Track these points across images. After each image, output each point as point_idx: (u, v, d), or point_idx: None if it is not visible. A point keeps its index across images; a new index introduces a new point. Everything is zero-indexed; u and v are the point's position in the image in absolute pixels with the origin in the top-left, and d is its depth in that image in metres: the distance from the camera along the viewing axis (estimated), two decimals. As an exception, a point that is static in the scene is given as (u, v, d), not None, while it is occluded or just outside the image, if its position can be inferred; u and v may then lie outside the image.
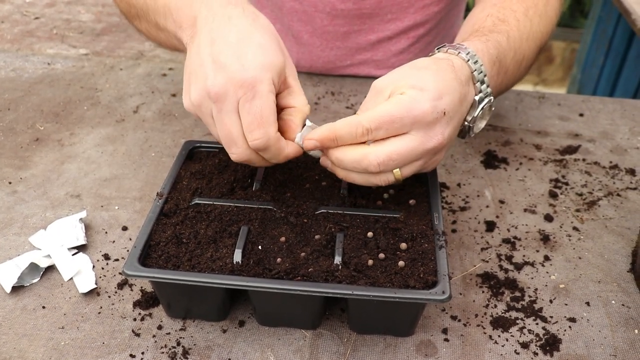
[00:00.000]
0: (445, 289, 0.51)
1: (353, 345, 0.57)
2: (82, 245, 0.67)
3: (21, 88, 0.99)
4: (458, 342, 0.57)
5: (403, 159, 0.56)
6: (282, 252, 0.56)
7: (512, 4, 0.76)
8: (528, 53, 0.76)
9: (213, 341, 0.57)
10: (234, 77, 0.54)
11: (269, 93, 0.55)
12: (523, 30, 0.74)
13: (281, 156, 0.58)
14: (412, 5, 0.95)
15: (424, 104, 0.54)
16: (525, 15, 0.75)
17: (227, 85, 0.54)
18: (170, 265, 0.55)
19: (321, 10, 0.95)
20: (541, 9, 0.78)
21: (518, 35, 0.73)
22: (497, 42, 0.68)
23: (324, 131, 0.57)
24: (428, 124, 0.55)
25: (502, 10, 0.75)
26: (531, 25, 0.75)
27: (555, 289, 0.63)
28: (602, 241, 0.69)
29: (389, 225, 0.59)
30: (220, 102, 0.55)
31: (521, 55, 0.74)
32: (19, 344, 0.56)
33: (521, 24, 0.74)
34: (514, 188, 0.77)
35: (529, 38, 0.75)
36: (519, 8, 0.76)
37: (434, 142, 0.56)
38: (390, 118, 0.54)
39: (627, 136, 0.89)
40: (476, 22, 0.74)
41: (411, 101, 0.54)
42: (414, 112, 0.54)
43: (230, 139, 0.56)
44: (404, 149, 0.55)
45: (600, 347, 0.57)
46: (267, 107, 0.55)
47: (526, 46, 0.74)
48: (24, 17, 1.33)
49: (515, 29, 0.73)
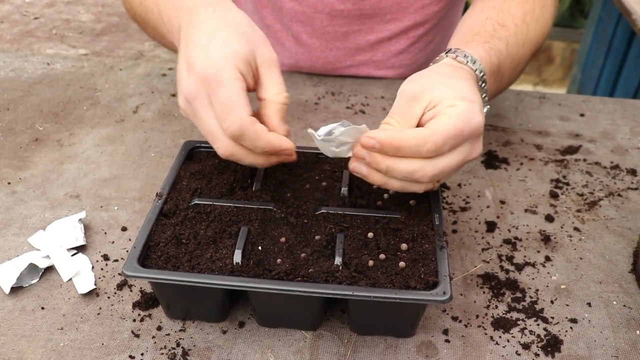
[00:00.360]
0: (446, 289, 0.51)
1: (353, 347, 0.56)
2: (82, 246, 0.67)
3: (20, 88, 0.98)
4: (459, 343, 0.57)
5: (453, 172, 0.56)
6: (282, 253, 0.56)
7: (511, 7, 0.77)
8: (523, 58, 0.77)
9: (213, 342, 0.57)
10: (200, 74, 0.56)
11: (234, 80, 0.56)
12: (520, 36, 0.75)
13: (261, 142, 0.56)
14: (411, 5, 0.95)
15: (478, 116, 0.55)
16: (523, 21, 0.76)
17: (197, 83, 0.56)
18: (169, 266, 0.54)
19: (320, 11, 0.95)
20: (538, 13, 0.79)
21: (515, 42, 0.73)
22: (498, 50, 0.69)
23: (389, 137, 0.53)
24: (478, 135, 0.56)
25: (501, 13, 0.75)
26: (528, 31, 0.76)
27: (557, 289, 0.63)
28: (603, 242, 0.69)
29: (390, 226, 0.59)
30: (195, 101, 0.57)
31: (517, 61, 0.75)
32: (18, 345, 0.56)
33: (519, 30, 0.75)
34: (514, 188, 0.77)
35: (524, 44, 0.76)
36: (517, 12, 0.76)
37: (476, 153, 0.57)
38: (456, 132, 0.54)
39: (628, 136, 0.89)
40: (475, 24, 0.74)
41: (468, 113, 0.55)
42: (473, 125, 0.55)
43: (211, 134, 0.57)
44: (456, 162, 0.55)
45: (602, 348, 0.56)
46: (233, 93, 0.55)
47: (522, 52, 0.75)
48: (24, 17, 1.32)
49: (513, 34, 0.73)
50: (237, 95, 0.55)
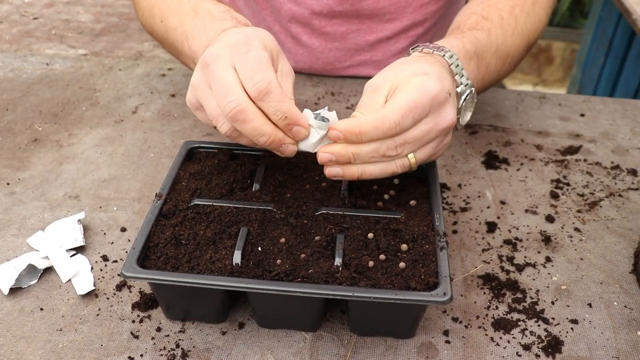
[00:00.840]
0: (446, 290, 0.51)
1: (353, 348, 0.56)
2: (81, 247, 0.66)
3: (19, 88, 0.98)
4: (459, 344, 0.56)
5: (419, 142, 0.57)
6: (282, 254, 0.56)
7: (499, 2, 0.78)
8: (513, 49, 0.77)
9: (212, 343, 0.56)
10: (228, 42, 0.58)
11: (263, 50, 0.57)
12: (507, 27, 0.75)
13: (285, 104, 0.55)
14: (409, 5, 0.95)
15: (434, 83, 0.56)
16: (511, 13, 0.77)
17: (222, 48, 0.57)
18: (169, 267, 0.54)
19: (319, 12, 0.95)
20: (528, 7, 0.80)
21: (501, 32, 0.74)
22: (475, 37, 0.70)
23: (349, 124, 0.55)
24: (440, 103, 0.57)
25: (488, 8, 0.77)
26: (516, 23, 0.77)
27: (557, 290, 0.62)
28: (603, 242, 0.69)
29: (390, 226, 0.58)
30: (215, 61, 0.57)
31: (505, 51, 0.75)
32: (17, 347, 0.56)
33: (505, 22, 0.76)
34: (515, 189, 0.77)
35: (513, 34, 0.76)
36: (504, 6, 0.77)
37: (446, 121, 0.58)
38: (414, 104, 0.55)
39: (629, 136, 0.88)
40: (460, 20, 0.76)
41: (423, 83, 0.56)
42: (430, 92, 0.56)
43: (226, 90, 0.55)
44: (423, 133, 0.57)
45: (603, 349, 0.56)
46: (264, 57, 0.56)
47: (511, 42, 0.76)
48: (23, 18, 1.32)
49: (498, 26, 0.74)
50: (266, 59, 0.56)
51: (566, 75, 3.16)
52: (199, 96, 0.59)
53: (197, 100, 0.60)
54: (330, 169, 0.57)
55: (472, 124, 0.90)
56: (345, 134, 0.55)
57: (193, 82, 0.60)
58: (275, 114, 0.55)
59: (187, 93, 0.61)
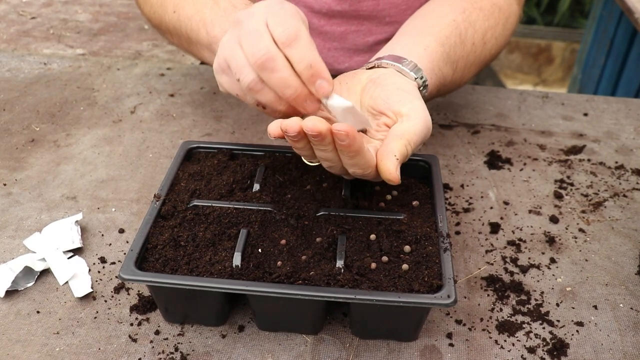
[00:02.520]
0: (450, 293, 0.50)
1: (355, 351, 0.55)
2: (78, 249, 0.65)
3: (17, 88, 0.97)
4: (463, 347, 0.56)
5: None
6: (282, 255, 0.55)
7: (478, 20, 0.77)
8: (464, 80, 0.79)
9: (212, 346, 0.55)
10: (261, 4, 0.56)
11: (297, 10, 0.56)
12: (471, 58, 0.76)
13: (310, 54, 0.52)
14: (409, 7, 0.94)
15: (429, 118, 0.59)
16: (482, 38, 0.77)
17: (256, 7, 0.56)
18: (167, 269, 0.53)
19: (317, 11, 0.94)
20: (499, 30, 0.79)
21: (463, 64, 0.75)
22: (443, 77, 0.71)
23: None
24: None
25: (466, 24, 0.75)
26: (482, 51, 0.77)
27: (562, 292, 0.62)
28: (608, 243, 0.68)
29: (392, 228, 0.57)
30: (248, 17, 0.55)
31: (457, 84, 0.77)
32: (13, 350, 0.55)
33: (474, 49, 0.76)
34: (518, 189, 0.76)
35: (472, 65, 0.77)
36: (480, 28, 0.76)
37: None
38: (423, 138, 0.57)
39: (633, 136, 0.88)
40: (438, 22, 0.74)
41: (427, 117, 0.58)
42: (429, 126, 0.58)
43: (257, 39, 0.53)
44: None
45: (609, 352, 0.55)
46: (296, 11, 0.55)
47: (467, 74, 0.78)
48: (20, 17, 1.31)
49: (465, 56, 0.75)
50: (298, 13, 0.55)
51: (566, 75, 3.15)
52: (227, 54, 0.57)
53: (224, 59, 0.58)
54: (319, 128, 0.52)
55: (474, 124, 0.89)
56: None
57: (223, 41, 0.58)
58: (301, 62, 0.52)
59: (215, 58, 0.60)
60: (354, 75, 0.64)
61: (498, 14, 0.79)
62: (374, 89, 0.61)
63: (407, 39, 0.71)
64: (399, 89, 0.60)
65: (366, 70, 0.64)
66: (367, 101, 0.60)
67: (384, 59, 0.65)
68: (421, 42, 0.69)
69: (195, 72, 1.04)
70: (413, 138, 0.55)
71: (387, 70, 0.63)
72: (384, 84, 0.61)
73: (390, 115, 0.58)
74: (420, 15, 0.77)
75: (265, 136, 0.86)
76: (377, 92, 0.60)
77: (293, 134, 0.50)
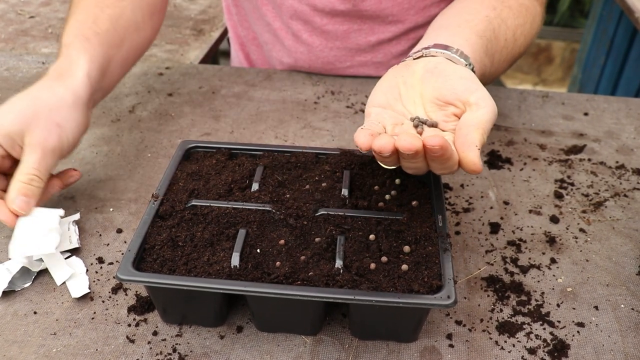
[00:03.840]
0: (450, 293, 0.49)
1: (355, 352, 0.55)
2: (76, 249, 0.65)
3: (15, 87, 0.97)
4: (463, 348, 0.55)
5: None
6: (281, 256, 0.54)
7: (509, 17, 0.77)
8: (498, 73, 0.79)
9: (210, 347, 0.55)
10: None
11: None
12: (504, 53, 0.76)
13: None
14: (412, 7, 0.93)
15: None
16: (514, 35, 0.77)
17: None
18: (165, 270, 0.53)
19: (321, 10, 0.93)
20: (527, 29, 0.80)
21: (499, 58, 0.75)
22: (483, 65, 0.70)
23: None
24: None
25: (499, 20, 0.75)
26: (513, 47, 0.78)
27: (563, 292, 0.61)
28: (609, 243, 0.67)
29: (392, 228, 0.57)
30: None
31: (493, 76, 0.77)
32: (9, 351, 0.54)
33: (506, 45, 0.76)
34: (518, 189, 0.76)
35: (505, 60, 0.78)
36: (512, 24, 0.77)
37: None
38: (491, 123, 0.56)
39: (633, 135, 0.87)
40: (472, 18, 0.73)
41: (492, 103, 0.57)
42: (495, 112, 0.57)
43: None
44: None
45: (610, 353, 0.55)
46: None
47: (501, 69, 0.78)
48: (19, 16, 1.31)
49: (499, 51, 0.75)
50: None
51: (566, 75, 3.15)
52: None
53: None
54: None
55: (474, 123, 0.89)
56: None
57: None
58: None
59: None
60: (406, 67, 0.62)
61: (526, 12, 0.80)
62: (434, 79, 0.59)
63: (445, 32, 0.69)
64: (461, 77, 0.58)
65: (417, 61, 0.62)
66: (430, 92, 0.58)
67: (431, 47, 0.64)
68: (461, 34, 0.68)
69: (194, 71, 1.03)
70: (487, 126, 0.54)
71: (439, 59, 0.61)
72: (445, 74, 0.59)
73: (459, 105, 0.56)
74: (453, 13, 0.77)
75: (264, 135, 0.85)
76: (440, 82, 0.58)
77: (387, 154, 0.50)
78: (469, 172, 0.52)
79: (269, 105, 0.93)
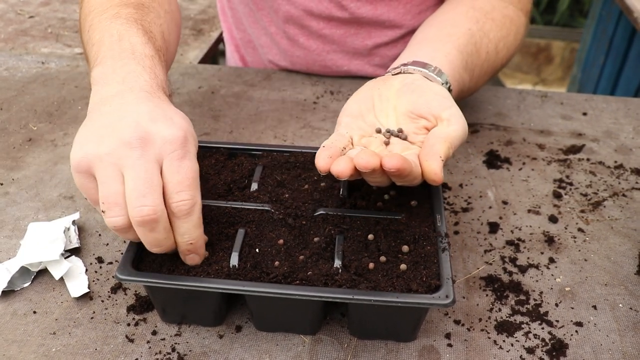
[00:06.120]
0: (449, 293, 0.50)
1: (354, 351, 0.55)
2: (75, 248, 0.65)
3: (14, 87, 0.97)
4: (462, 348, 0.55)
5: None
6: (280, 255, 0.54)
7: (492, 29, 0.77)
8: (478, 86, 0.80)
9: (209, 347, 0.55)
10: (163, 133, 0.51)
11: (195, 159, 0.53)
12: (485, 66, 0.77)
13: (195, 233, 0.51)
14: (408, 12, 0.93)
15: None
16: (496, 48, 0.77)
17: (155, 135, 0.51)
18: (164, 269, 0.53)
19: (317, 15, 0.93)
20: (510, 40, 0.80)
21: (479, 72, 0.76)
22: (462, 83, 0.72)
23: None
24: None
25: (481, 33, 0.75)
26: (495, 60, 0.78)
27: (561, 292, 0.61)
28: (608, 243, 0.68)
29: (390, 227, 0.57)
30: (144, 147, 0.50)
31: (472, 90, 0.78)
32: (9, 351, 0.54)
33: (487, 58, 0.77)
34: (517, 188, 0.76)
35: (486, 73, 0.79)
36: (494, 37, 0.77)
37: None
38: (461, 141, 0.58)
39: (632, 135, 0.87)
40: (455, 31, 0.74)
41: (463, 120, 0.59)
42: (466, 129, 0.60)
43: (146, 189, 0.48)
44: None
45: (609, 353, 0.55)
46: (196, 170, 0.51)
47: (481, 82, 0.79)
48: (18, 16, 1.31)
49: (479, 65, 0.75)
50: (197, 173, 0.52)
51: (566, 74, 3.15)
52: (99, 169, 0.50)
53: (90, 168, 0.50)
54: None
55: (473, 123, 0.89)
56: None
57: (100, 151, 0.50)
58: (183, 236, 0.51)
59: (78, 150, 0.51)
60: (383, 81, 0.64)
61: (509, 24, 0.80)
62: (410, 93, 0.61)
63: (427, 47, 0.71)
64: (437, 94, 0.60)
65: (395, 76, 0.65)
66: (405, 105, 0.60)
67: (409, 65, 0.66)
68: (442, 50, 0.69)
69: (194, 71, 1.03)
70: (455, 142, 0.56)
71: (416, 76, 0.64)
72: (421, 89, 0.61)
73: (431, 119, 0.58)
74: (435, 24, 0.78)
75: (264, 135, 0.85)
76: (415, 96, 0.60)
77: (346, 177, 0.51)
78: (430, 182, 0.53)
79: (268, 105, 0.93)
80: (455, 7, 0.80)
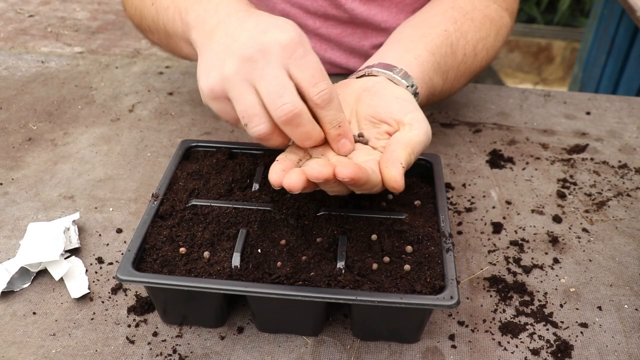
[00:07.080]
0: (453, 294, 0.49)
1: (357, 353, 0.54)
2: (75, 249, 0.65)
3: (14, 87, 0.96)
4: (466, 349, 0.55)
5: None
6: (282, 256, 0.54)
7: (470, 30, 0.75)
8: (454, 90, 0.78)
9: (210, 348, 0.55)
10: (278, 39, 0.52)
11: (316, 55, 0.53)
12: (461, 69, 0.75)
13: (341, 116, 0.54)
14: (401, 11, 0.93)
15: None
16: (474, 49, 0.76)
17: (271, 43, 0.52)
18: (165, 270, 0.52)
19: (313, 13, 0.93)
20: (490, 41, 0.78)
21: (454, 75, 0.75)
22: (433, 87, 0.70)
23: None
24: None
25: (458, 34, 0.74)
26: (473, 61, 0.77)
27: (566, 292, 0.61)
28: (612, 243, 0.67)
29: (394, 228, 0.57)
30: (263, 57, 0.51)
31: (446, 93, 0.76)
32: (8, 352, 0.54)
33: (465, 60, 0.75)
34: (520, 188, 0.75)
35: (463, 76, 0.76)
36: (472, 38, 0.75)
37: None
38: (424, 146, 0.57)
39: (636, 134, 0.87)
40: (429, 32, 0.73)
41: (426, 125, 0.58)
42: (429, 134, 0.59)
43: (281, 90, 0.50)
44: None
45: (614, 354, 0.54)
46: (320, 62, 0.53)
47: (457, 85, 0.77)
48: (18, 15, 1.30)
49: (456, 67, 0.74)
50: (321, 64, 0.53)
51: (566, 74, 3.15)
52: (231, 89, 0.53)
53: (223, 91, 0.53)
54: None
55: (476, 122, 0.88)
56: None
57: (226, 73, 0.53)
58: (331, 123, 0.54)
59: (206, 79, 0.54)
60: (346, 85, 0.63)
61: (490, 25, 0.78)
62: (370, 97, 0.60)
63: (397, 47, 0.70)
64: (398, 97, 0.59)
65: (357, 80, 0.64)
66: (365, 110, 0.59)
67: (374, 66, 0.65)
68: (412, 51, 0.68)
69: (195, 70, 1.03)
70: (417, 147, 0.55)
71: (379, 79, 0.62)
72: (382, 93, 0.60)
73: (392, 124, 0.57)
74: (411, 24, 0.76)
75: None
76: (376, 100, 0.59)
77: (299, 190, 0.49)
78: (390, 189, 0.52)
79: (269, 105, 0.92)
80: (436, 6, 0.78)
